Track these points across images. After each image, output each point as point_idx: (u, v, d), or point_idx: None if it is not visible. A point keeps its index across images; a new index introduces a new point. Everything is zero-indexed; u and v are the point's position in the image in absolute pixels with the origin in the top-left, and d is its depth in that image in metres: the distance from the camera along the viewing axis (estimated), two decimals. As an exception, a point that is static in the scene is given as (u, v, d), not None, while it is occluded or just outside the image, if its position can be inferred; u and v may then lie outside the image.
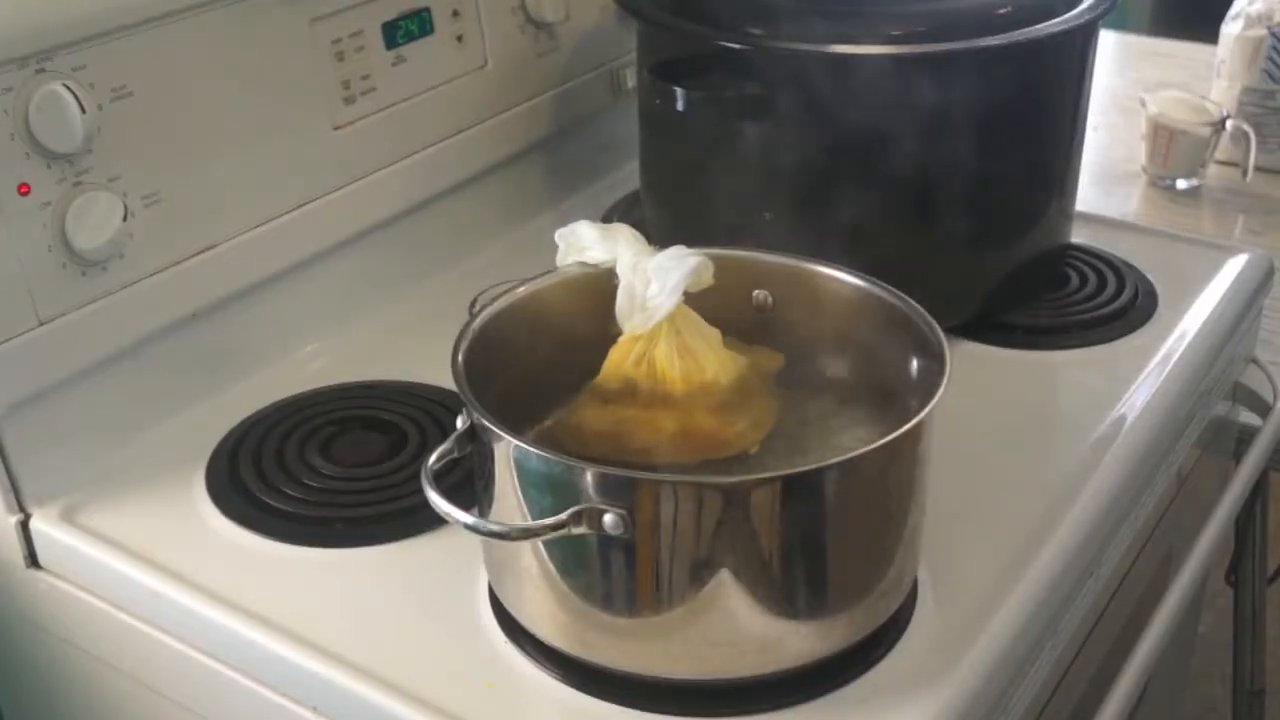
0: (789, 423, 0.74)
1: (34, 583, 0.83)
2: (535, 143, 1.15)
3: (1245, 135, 1.35)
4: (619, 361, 0.74)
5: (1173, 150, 1.36)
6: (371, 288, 1.03)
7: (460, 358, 0.69)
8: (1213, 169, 1.39)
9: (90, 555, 0.79)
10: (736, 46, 0.93)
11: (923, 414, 0.65)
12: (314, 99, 0.94)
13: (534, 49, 1.12)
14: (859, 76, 0.92)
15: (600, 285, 0.75)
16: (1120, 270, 1.08)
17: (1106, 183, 1.40)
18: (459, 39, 1.05)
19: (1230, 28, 1.43)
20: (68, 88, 0.77)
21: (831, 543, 0.66)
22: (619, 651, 0.67)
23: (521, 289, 0.76)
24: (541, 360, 0.76)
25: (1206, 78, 1.47)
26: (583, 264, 0.76)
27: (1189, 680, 1.35)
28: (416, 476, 0.67)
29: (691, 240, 0.75)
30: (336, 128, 0.97)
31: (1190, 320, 1.02)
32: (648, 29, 1.03)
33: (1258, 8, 1.40)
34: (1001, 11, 0.93)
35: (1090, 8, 0.95)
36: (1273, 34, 1.38)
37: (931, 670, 0.69)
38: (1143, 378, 0.94)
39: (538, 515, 0.63)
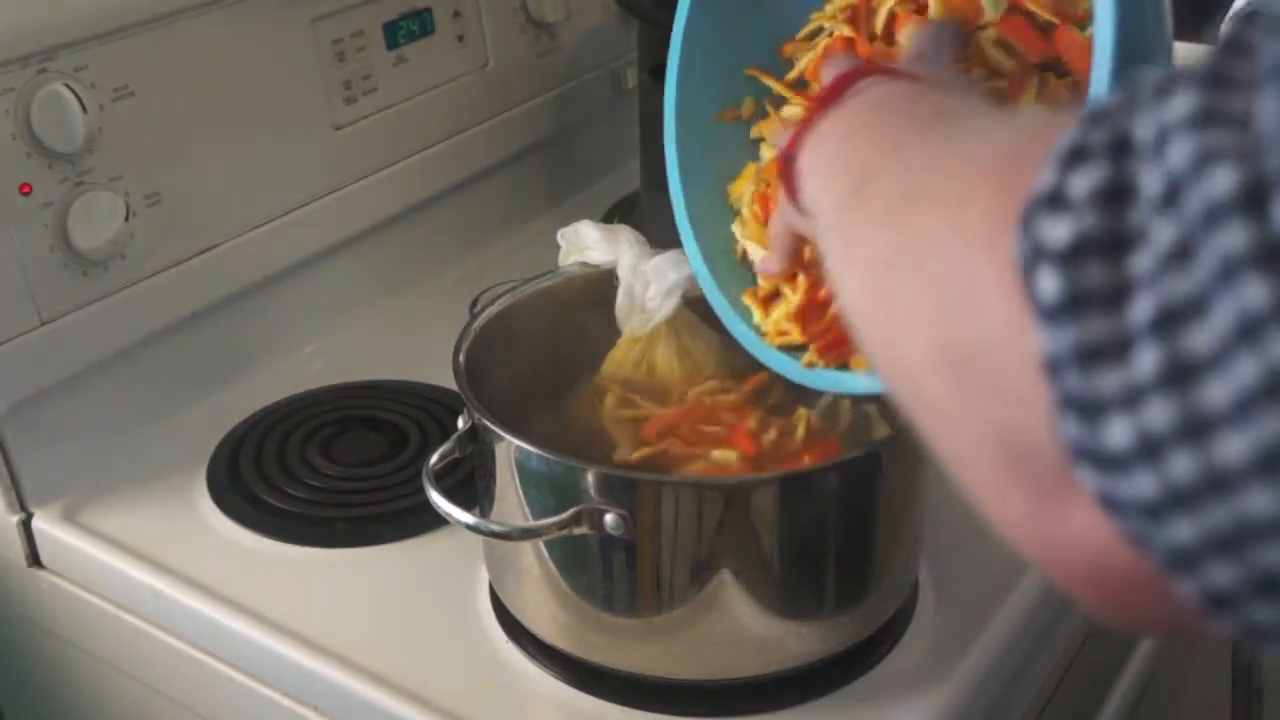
0: (791, 423, 0.74)
1: (35, 582, 0.83)
2: (536, 143, 1.15)
3: (1245, 136, 1.35)
4: (619, 362, 0.74)
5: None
6: (372, 288, 1.03)
7: (461, 358, 0.69)
8: (1213, 169, 1.39)
9: (91, 554, 0.79)
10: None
11: (923, 414, 0.65)
12: (315, 99, 0.95)
13: (535, 49, 1.12)
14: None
15: (601, 286, 0.75)
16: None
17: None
18: (460, 39, 1.05)
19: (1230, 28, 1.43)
20: (69, 88, 0.77)
21: (832, 543, 0.66)
22: (620, 651, 0.67)
23: (522, 289, 0.77)
24: (542, 360, 0.76)
25: (1207, 78, 1.47)
26: (583, 264, 0.76)
27: (1189, 680, 1.35)
28: (417, 476, 0.67)
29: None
30: (337, 128, 0.97)
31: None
32: (648, 29, 1.03)
33: (1258, 8, 1.40)
34: None
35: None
36: (1273, 34, 1.38)
37: (931, 670, 0.69)
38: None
39: (539, 515, 0.63)
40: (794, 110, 0.67)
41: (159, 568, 0.77)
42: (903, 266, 0.34)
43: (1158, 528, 0.26)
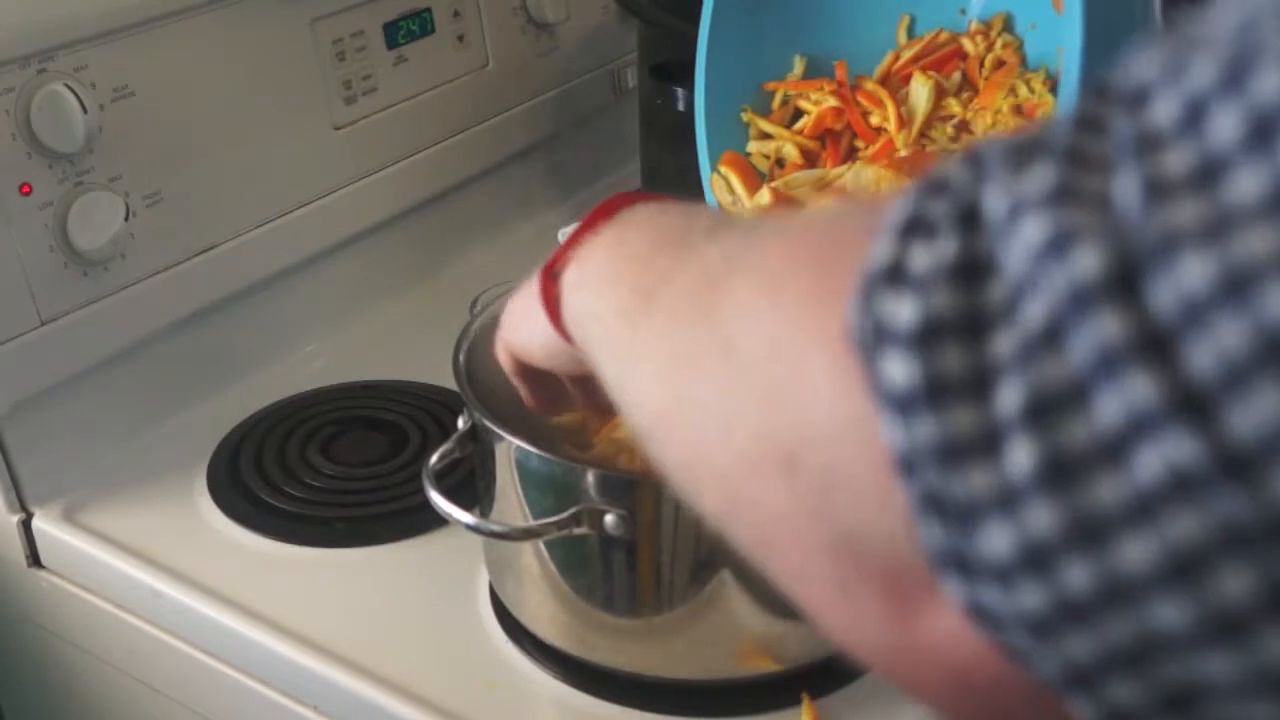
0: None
1: (36, 582, 0.83)
2: (536, 142, 1.15)
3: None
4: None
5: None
6: (372, 288, 1.03)
7: (461, 358, 0.69)
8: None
9: (92, 554, 0.79)
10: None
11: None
12: (315, 99, 0.94)
13: (535, 49, 1.12)
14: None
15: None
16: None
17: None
18: (460, 39, 1.05)
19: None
20: (69, 88, 0.77)
21: (832, 543, 0.66)
22: (619, 651, 0.67)
23: (522, 289, 0.76)
24: (542, 360, 0.76)
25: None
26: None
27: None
28: (417, 476, 0.67)
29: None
30: (338, 128, 0.97)
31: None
32: (648, 29, 1.03)
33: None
34: None
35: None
36: (1273, 34, 1.38)
37: (931, 670, 0.69)
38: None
39: (539, 515, 0.63)
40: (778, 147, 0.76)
41: (159, 567, 0.77)
42: (710, 358, 0.31)
43: (1046, 644, 0.23)
